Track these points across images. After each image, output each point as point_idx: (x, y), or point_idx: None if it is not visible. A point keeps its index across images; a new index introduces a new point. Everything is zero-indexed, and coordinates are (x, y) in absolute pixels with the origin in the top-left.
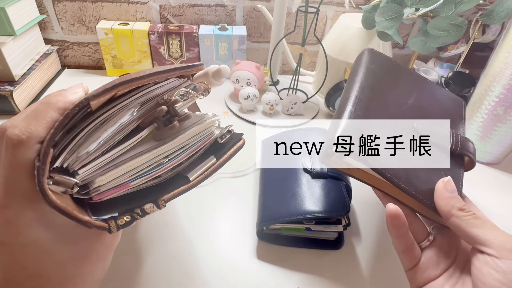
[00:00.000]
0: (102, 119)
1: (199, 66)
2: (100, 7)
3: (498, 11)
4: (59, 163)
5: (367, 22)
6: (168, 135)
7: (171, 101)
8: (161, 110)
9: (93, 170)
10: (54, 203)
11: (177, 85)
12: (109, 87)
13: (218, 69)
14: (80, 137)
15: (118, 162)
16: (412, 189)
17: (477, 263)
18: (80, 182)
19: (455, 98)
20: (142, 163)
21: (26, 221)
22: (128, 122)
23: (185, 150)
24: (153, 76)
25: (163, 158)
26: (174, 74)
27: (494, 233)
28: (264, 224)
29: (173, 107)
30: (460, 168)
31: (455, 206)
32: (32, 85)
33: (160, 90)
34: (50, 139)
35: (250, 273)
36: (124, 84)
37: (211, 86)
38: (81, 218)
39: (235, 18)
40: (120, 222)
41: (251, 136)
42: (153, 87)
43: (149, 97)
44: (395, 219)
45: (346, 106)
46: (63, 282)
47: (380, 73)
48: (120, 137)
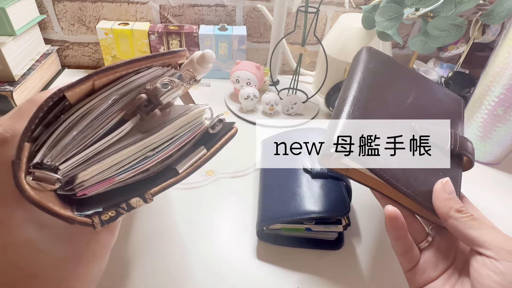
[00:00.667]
0: (81, 112)
1: (181, 52)
2: (100, 7)
3: (498, 11)
4: (39, 159)
5: (367, 22)
6: (154, 127)
7: (151, 89)
8: (139, 98)
9: (75, 165)
10: (32, 198)
11: (160, 74)
12: (83, 77)
13: (202, 54)
14: (59, 132)
15: (101, 156)
16: (411, 191)
17: (476, 264)
18: (62, 178)
19: (454, 97)
20: (127, 157)
21: (16, 221)
22: (109, 113)
23: (174, 142)
24: (130, 64)
25: (150, 151)
26: (154, 62)
27: (492, 235)
28: (264, 224)
29: (155, 96)
30: (458, 168)
31: (453, 208)
32: (32, 85)
33: (142, 79)
34: (24, 133)
35: (250, 273)
36: (100, 73)
37: (198, 74)
38: (62, 214)
39: (235, 18)
40: (105, 217)
41: (251, 136)
42: (134, 77)
43: (131, 88)
44: (393, 221)
45: (344, 107)
46: (59, 282)
47: (378, 72)
48: (103, 131)
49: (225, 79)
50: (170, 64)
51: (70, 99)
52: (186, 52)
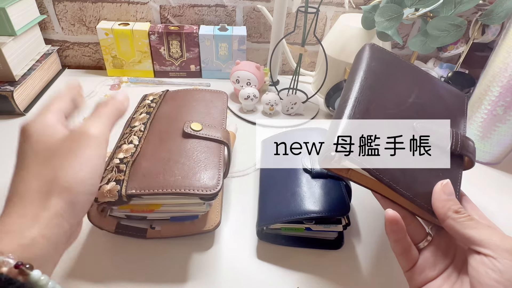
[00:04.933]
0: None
1: None
2: (100, 8)
3: (498, 11)
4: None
5: (367, 22)
6: None
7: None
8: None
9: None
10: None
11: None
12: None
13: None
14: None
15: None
16: (410, 193)
17: (474, 263)
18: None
19: (457, 93)
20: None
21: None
22: None
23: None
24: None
25: None
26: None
27: (489, 233)
28: (264, 224)
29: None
30: (459, 168)
31: (451, 209)
32: (32, 85)
33: None
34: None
35: (250, 273)
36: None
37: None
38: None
39: (235, 18)
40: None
41: (251, 136)
42: None
43: None
44: (393, 224)
45: (345, 108)
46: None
47: (380, 72)
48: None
49: (225, 79)
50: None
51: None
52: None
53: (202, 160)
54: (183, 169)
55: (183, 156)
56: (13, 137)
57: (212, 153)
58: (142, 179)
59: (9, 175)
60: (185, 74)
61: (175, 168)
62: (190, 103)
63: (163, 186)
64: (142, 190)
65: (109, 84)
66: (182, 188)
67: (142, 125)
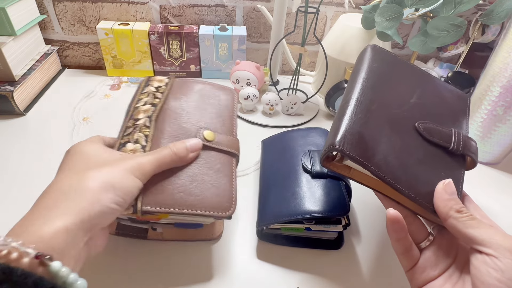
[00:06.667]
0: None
1: None
2: (100, 7)
3: (498, 11)
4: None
5: (367, 22)
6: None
7: None
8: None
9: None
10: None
11: None
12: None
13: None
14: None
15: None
16: (412, 192)
17: (476, 262)
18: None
19: (460, 94)
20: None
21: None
22: None
23: None
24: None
25: None
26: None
27: (491, 233)
28: (264, 224)
29: None
30: (461, 168)
31: (453, 208)
32: (32, 85)
33: None
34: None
35: (250, 273)
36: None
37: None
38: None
39: (235, 18)
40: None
41: (251, 136)
42: None
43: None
44: (395, 223)
45: (346, 108)
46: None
47: (382, 72)
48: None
49: (225, 79)
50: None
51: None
52: None
53: (216, 177)
54: (200, 188)
55: (197, 171)
56: (13, 137)
57: (225, 167)
58: (157, 195)
59: (9, 175)
60: (185, 74)
61: (191, 186)
62: (199, 100)
63: (180, 205)
64: (158, 207)
65: (109, 84)
66: (199, 209)
67: (147, 119)
